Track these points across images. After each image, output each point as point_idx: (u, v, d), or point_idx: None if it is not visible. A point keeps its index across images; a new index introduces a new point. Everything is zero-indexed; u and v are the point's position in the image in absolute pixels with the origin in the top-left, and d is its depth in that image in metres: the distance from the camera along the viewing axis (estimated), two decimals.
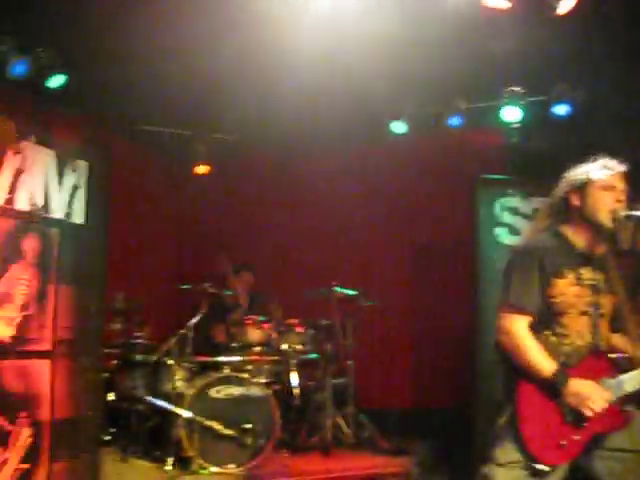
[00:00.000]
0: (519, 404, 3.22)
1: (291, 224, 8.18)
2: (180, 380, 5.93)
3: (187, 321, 6.06)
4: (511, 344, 3.28)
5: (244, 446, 5.62)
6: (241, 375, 5.88)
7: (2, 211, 4.52)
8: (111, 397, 6.08)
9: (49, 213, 4.85)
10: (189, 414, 5.55)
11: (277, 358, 6.47)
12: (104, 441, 5.75)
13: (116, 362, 6.34)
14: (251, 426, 5.65)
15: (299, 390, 6.32)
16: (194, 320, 6.06)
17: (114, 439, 6.04)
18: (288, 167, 8.17)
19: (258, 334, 6.48)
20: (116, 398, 6.10)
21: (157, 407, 5.84)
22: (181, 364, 5.99)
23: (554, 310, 3.30)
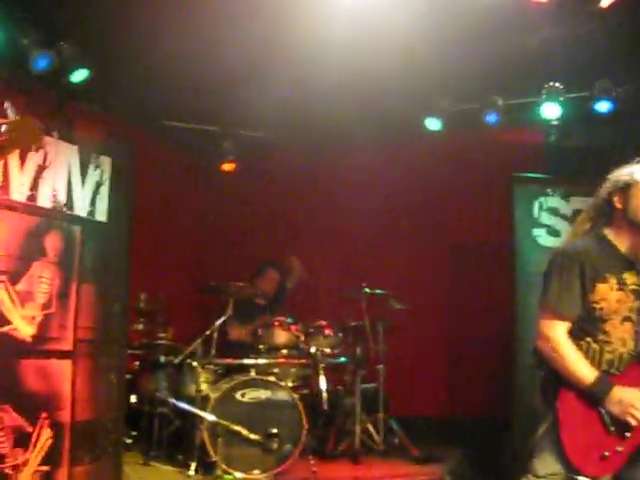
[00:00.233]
0: (560, 412, 3.18)
1: (320, 223, 8.16)
2: (204, 382, 5.93)
3: (212, 322, 6.05)
4: (551, 350, 3.25)
5: (270, 452, 5.61)
6: (267, 378, 5.87)
7: (24, 208, 4.54)
8: (133, 399, 6.10)
9: (72, 210, 4.87)
10: (213, 418, 5.54)
11: (305, 361, 6.45)
12: (126, 444, 5.76)
13: (138, 363, 6.38)
14: (277, 431, 5.63)
15: (327, 394, 6.28)
16: (220, 321, 6.05)
17: (136, 442, 6.06)
18: (318, 165, 8.15)
19: (285, 336, 6.44)
20: (138, 400, 6.13)
21: (180, 410, 5.85)
22: (205, 366, 5.99)
23: (596, 316, 3.27)
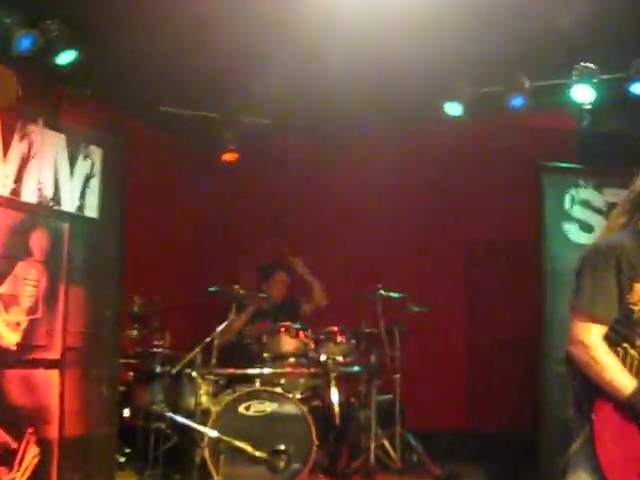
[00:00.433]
0: (596, 426, 3.14)
1: (330, 219, 8.16)
2: (204, 394, 5.94)
3: (212, 328, 6.06)
4: (584, 357, 3.21)
5: (276, 470, 5.61)
6: (274, 389, 5.88)
7: (7, 203, 4.56)
8: (126, 413, 6.11)
9: (59, 205, 4.89)
10: (214, 433, 5.53)
11: (314, 370, 6.44)
12: (119, 463, 5.77)
13: (132, 374, 6.38)
14: (285, 448, 5.63)
15: (339, 407, 6.28)
16: (220, 327, 6.06)
17: (129, 461, 6.07)
18: (327, 156, 8.15)
19: (293, 343, 6.45)
20: (132, 414, 6.13)
21: (178, 425, 5.84)
22: (206, 376, 5.99)
23: (634, 319, 3.21)
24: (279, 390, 5.89)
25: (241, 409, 5.70)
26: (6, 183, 4.53)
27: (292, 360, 6.41)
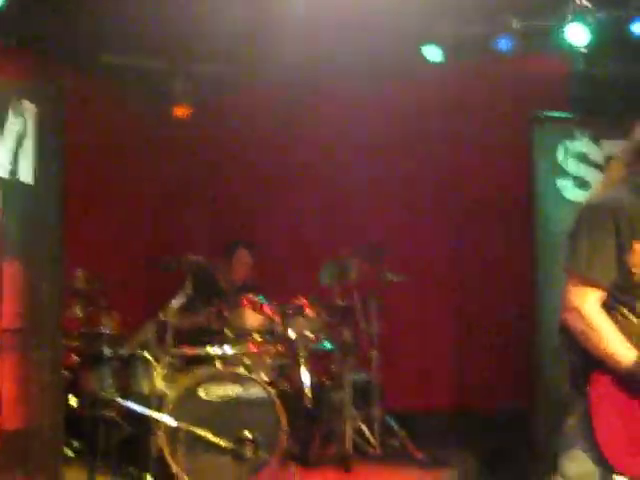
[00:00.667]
0: (593, 401, 3.19)
1: (300, 180, 8.14)
2: (159, 378, 5.92)
3: (166, 304, 6.05)
4: (580, 326, 3.24)
5: (242, 460, 5.63)
6: (237, 371, 5.89)
7: None
8: (73, 402, 6.10)
9: None
10: (172, 421, 5.55)
11: (282, 349, 6.48)
12: (65, 457, 5.77)
13: (77, 357, 6.35)
14: (251, 435, 5.65)
15: (310, 389, 6.32)
16: (176, 303, 6.04)
17: (78, 454, 6.06)
18: (294, 108, 8.10)
19: (257, 318, 6.46)
20: (79, 403, 6.11)
21: (131, 412, 5.84)
22: (161, 358, 5.98)
23: (634, 282, 3.26)
24: (243, 371, 5.91)
25: (201, 393, 5.71)
26: None
27: (257, 337, 6.42)
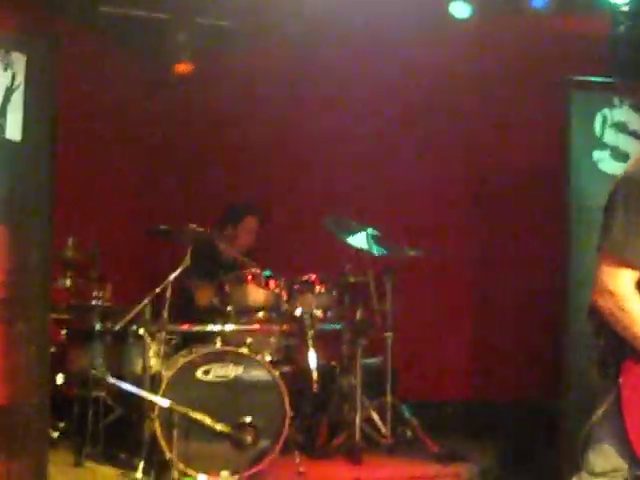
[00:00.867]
0: (624, 391, 3.20)
1: (308, 142, 8.11)
2: (154, 356, 5.96)
3: (163, 277, 6.07)
4: (613, 308, 3.26)
5: (242, 447, 5.64)
6: (238, 350, 5.89)
7: None
8: (60, 380, 6.13)
9: None
10: (166, 402, 5.54)
11: (288, 327, 6.47)
12: (52, 439, 5.81)
13: (66, 332, 6.38)
14: (252, 420, 5.67)
15: (318, 372, 6.32)
16: (174, 275, 6.05)
17: (65, 436, 6.10)
18: (305, 64, 8.09)
19: (262, 294, 6.45)
20: (67, 381, 6.14)
21: (123, 393, 5.87)
22: (156, 335, 6.00)
23: None
24: (245, 351, 5.90)
25: (199, 374, 5.70)
26: None
27: (261, 315, 6.42)
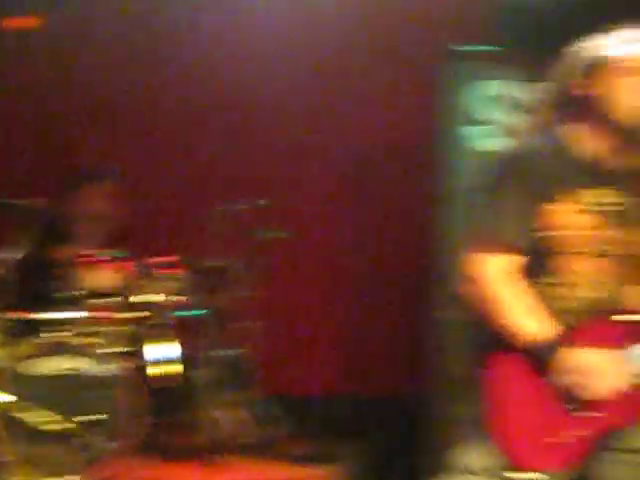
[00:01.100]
0: (495, 386, 3.25)
1: (167, 108, 8.00)
2: None
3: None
4: (485, 297, 3.30)
5: (83, 448, 5.59)
6: (79, 341, 5.83)
7: None
8: None
9: None
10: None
11: (139, 315, 6.40)
12: None
13: None
14: (93, 418, 5.63)
15: (173, 365, 6.29)
16: (10, 256, 5.93)
17: None
18: (166, 17, 7.96)
19: (110, 277, 6.38)
20: None
21: None
22: None
23: (551, 248, 3.33)
24: (88, 342, 5.85)
25: (33, 368, 5.65)
26: None
27: (108, 301, 6.30)
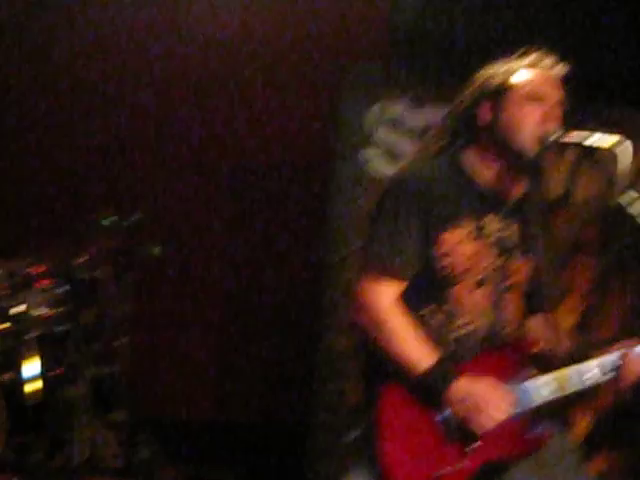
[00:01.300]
0: (381, 414, 3.26)
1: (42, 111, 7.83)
2: None
3: None
4: (373, 324, 3.32)
5: None
6: None
7: None
8: None
9: None
10: None
11: (3, 328, 6.28)
12: None
13: None
14: None
15: (36, 382, 6.19)
16: None
17: None
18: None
19: None
20: None
21: None
22: None
23: (442, 276, 3.37)
24: None
25: None
26: None
27: None
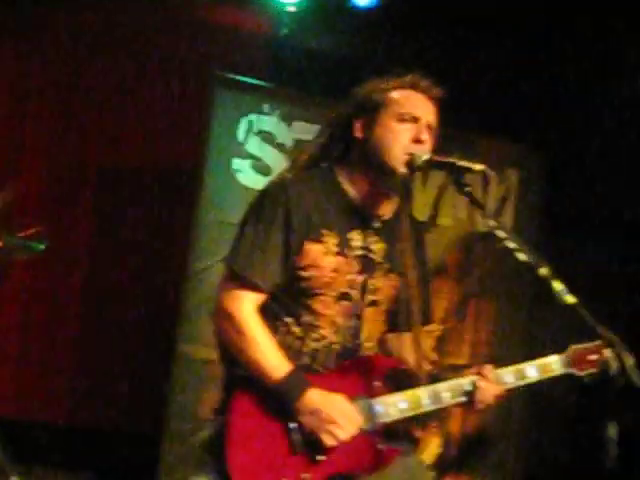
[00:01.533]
0: (231, 420, 3.29)
1: None
2: None
3: None
4: (230, 332, 3.37)
5: None
6: None
7: None
8: None
9: None
10: None
11: None
12: None
13: None
14: None
15: None
16: None
17: None
18: None
19: None
20: None
21: None
22: None
23: (301, 288, 3.43)
24: None
25: None
26: None
27: None
